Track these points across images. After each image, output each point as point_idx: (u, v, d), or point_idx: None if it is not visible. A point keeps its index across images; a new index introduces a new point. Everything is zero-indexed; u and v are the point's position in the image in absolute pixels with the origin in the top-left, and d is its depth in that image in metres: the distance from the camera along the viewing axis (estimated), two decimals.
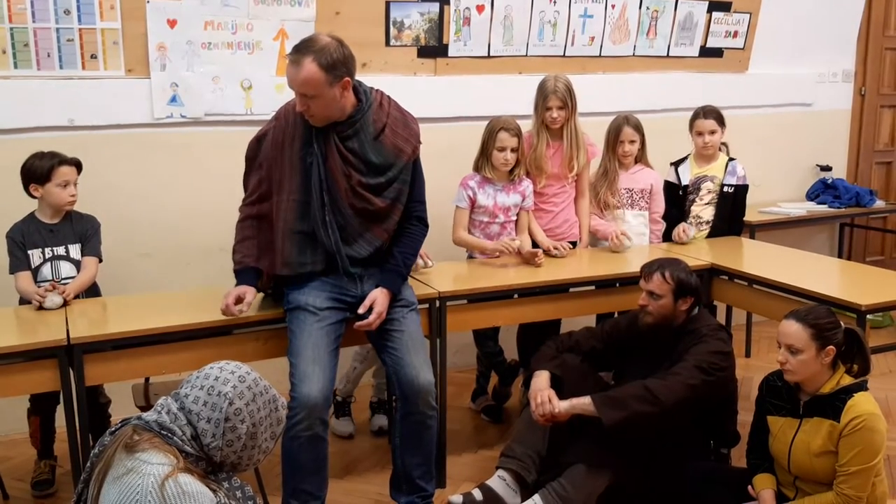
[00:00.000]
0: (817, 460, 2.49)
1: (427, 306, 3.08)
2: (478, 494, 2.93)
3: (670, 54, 4.75)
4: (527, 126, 3.75)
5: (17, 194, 3.15)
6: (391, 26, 4.02)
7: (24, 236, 3.09)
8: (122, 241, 3.52)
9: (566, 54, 4.45)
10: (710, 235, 3.99)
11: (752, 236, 4.53)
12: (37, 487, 3.18)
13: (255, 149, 2.85)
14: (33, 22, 3.39)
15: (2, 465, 3.28)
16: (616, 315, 3.56)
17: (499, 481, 2.95)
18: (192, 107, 3.71)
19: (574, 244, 3.81)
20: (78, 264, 3.15)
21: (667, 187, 4.03)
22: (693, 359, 2.82)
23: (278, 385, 1.99)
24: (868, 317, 2.96)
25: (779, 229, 4.85)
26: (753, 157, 4.52)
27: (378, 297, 2.80)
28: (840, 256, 5.45)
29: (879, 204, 5.22)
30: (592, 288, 3.51)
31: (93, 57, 3.51)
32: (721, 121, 3.94)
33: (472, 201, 3.59)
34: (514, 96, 3.99)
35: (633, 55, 4.64)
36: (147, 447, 1.71)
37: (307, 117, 2.72)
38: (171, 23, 3.59)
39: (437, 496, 2.99)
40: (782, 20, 4.96)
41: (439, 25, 4.11)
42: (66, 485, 3.12)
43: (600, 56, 4.54)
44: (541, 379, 2.92)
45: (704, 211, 4.00)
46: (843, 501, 2.44)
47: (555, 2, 4.31)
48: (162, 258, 3.77)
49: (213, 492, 1.73)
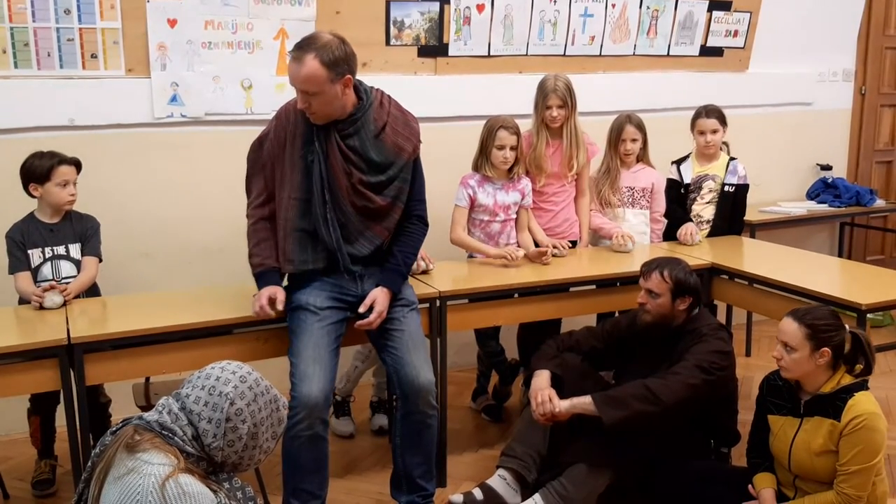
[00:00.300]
0: (818, 459, 2.49)
1: (427, 306, 3.08)
2: (478, 494, 2.93)
3: (670, 53, 4.75)
4: (526, 125, 3.76)
5: (18, 194, 3.15)
6: (391, 25, 4.02)
7: (24, 236, 3.09)
8: (122, 240, 3.52)
9: (566, 54, 4.45)
10: (711, 235, 3.99)
11: (752, 235, 4.53)
12: (37, 487, 3.18)
13: (258, 151, 2.85)
14: (33, 21, 3.39)
15: (2, 464, 3.28)
16: (617, 314, 3.56)
17: (499, 480, 2.96)
18: (192, 106, 3.71)
19: (574, 243, 3.81)
20: (78, 264, 3.14)
21: (669, 185, 4.04)
22: (693, 358, 2.82)
23: (278, 384, 1.99)
24: (868, 316, 2.96)
25: (779, 228, 4.85)
26: (754, 156, 4.52)
27: (378, 297, 2.80)
28: (840, 256, 5.45)
29: (880, 203, 5.23)
30: (593, 287, 3.51)
31: (93, 56, 3.51)
32: (723, 120, 3.94)
33: (472, 200, 3.59)
34: (515, 96, 3.98)
35: (634, 54, 4.64)
36: (148, 447, 1.71)
37: (308, 115, 2.71)
38: (172, 22, 3.59)
39: (438, 495, 2.99)
40: (782, 19, 4.96)
41: (439, 25, 4.10)
42: (67, 484, 3.12)
43: (600, 55, 4.54)
44: (541, 378, 2.93)
45: (705, 210, 4.01)
46: (844, 501, 2.44)
47: (555, 1, 4.31)
48: (162, 258, 3.77)
49: (214, 492, 1.73)
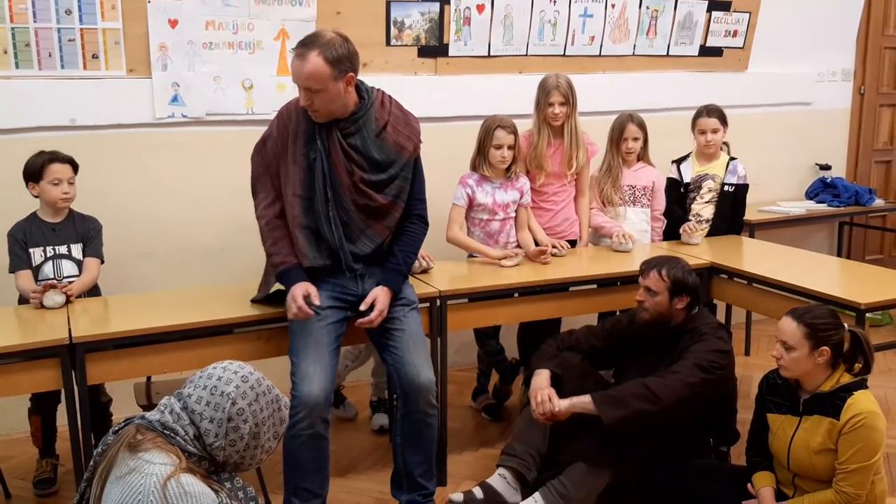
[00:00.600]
0: (817, 458, 2.50)
1: (428, 305, 3.09)
2: (478, 493, 2.93)
3: (670, 53, 4.75)
4: (527, 125, 3.76)
5: (18, 194, 3.15)
6: (392, 26, 4.02)
7: (26, 235, 3.09)
8: (123, 240, 3.53)
9: (566, 54, 4.45)
10: (710, 234, 3.99)
11: (751, 235, 4.54)
12: (38, 486, 3.19)
13: (261, 151, 2.85)
14: (34, 22, 3.40)
15: (4, 463, 3.28)
16: (618, 313, 3.57)
17: (499, 479, 2.96)
18: (193, 106, 3.71)
19: (573, 243, 3.82)
20: (79, 264, 3.15)
21: (669, 184, 4.05)
22: (693, 357, 2.83)
23: (279, 384, 1.99)
24: (867, 315, 2.97)
25: (778, 228, 4.86)
26: (753, 155, 4.52)
27: (379, 295, 2.81)
28: (839, 255, 5.45)
29: (879, 203, 5.24)
30: (593, 287, 3.51)
31: (94, 57, 3.52)
32: (723, 120, 3.95)
33: (471, 199, 3.60)
34: (515, 96, 3.99)
35: (633, 54, 4.65)
36: (150, 447, 1.72)
37: (310, 113, 2.72)
38: (173, 23, 3.59)
39: (438, 494, 3.00)
40: (782, 19, 4.96)
41: (440, 25, 4.11)
42: (68, 483, 3.13)
43: (600, 55, 4.55)
44: (541, 377, 2.93)
45: (705, 209, 4.01)
46: (843, 499, 2.44)
47: (555, 1, 4.32)
48: (163, 257, 3.78)
49: (216, 492, 1.73)
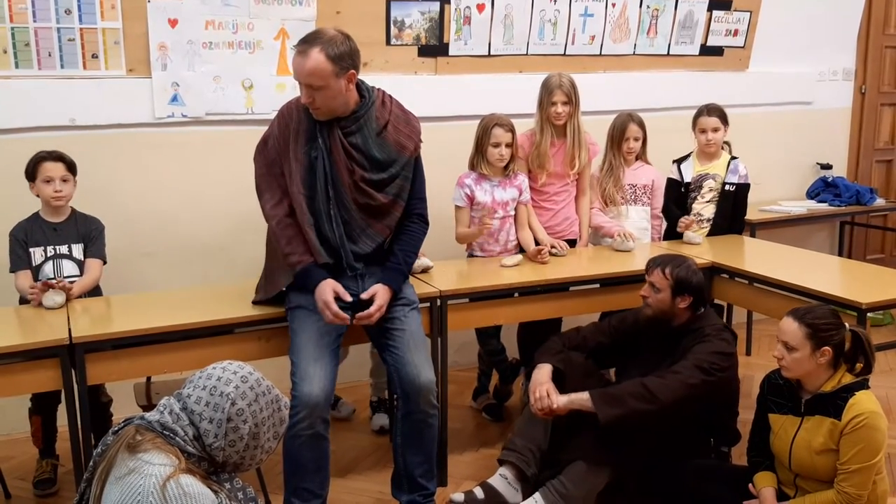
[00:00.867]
0: (818, 458, 2.49)
1: (428, 305, 3.08)
2: (479, 493, 2.93)
3: (671, 53, 4.75)
4: (527, 124, 3.76)
5: (18, 194, 3.16)
6: (392, 25, 4.02)
7: (27, 234, 3.09)
8: (123, 240, 3.53)
9: (566, 53, 4.45)
10: (711, 234, 3.99)
11: (752, 234, 4.53)
12: (38, 486, 3.18)
13: (263, 150, 2.85)
14: (34, 21, 3.40)
15: (4, 464, 3.28)
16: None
17: (500, 479, 2.96)
18: (193, 106, 3.71)
19: (573, 242, 3.81)
20: (81, 264, 3.15)
21: (669, 184, 4.05)
22: (694, 358, 2.82)
23: (279, 384, 1.99)
24: (868, 315, 2.96)
25: (779, 227, 4.85)
26: (754, 155, 4.51)
27: (380, 291, 2.81)
28: (840, 255, 5.44)
29: (880, 202, 5.24)
30: (594, 286, 3.50)
31: (94, 56, 3.52)
32: (724, 119, 3.95)
33: (471, 199, 3.60)
34: (515, 95, 3.99)
35: (634, 54, 4.64)
36: (149, 447, 1.71)
37: (312, 110, 2.72)
38: (172, 22, 3.59)
39: (439, 494, 3.00)
40: (782, 19, 4.96)
41: (440, 24, 4.11)
42: (68, 484, 3.12)
43: (601, 55, 4.54)
44: (542, 372, 2.93)
45: (706, 209, 4.01)
46: (844, 499, 2.44)
47: (555, 1, 4.31)
48: (164, 257, 3.77)
49: (215, 493, 1.73)
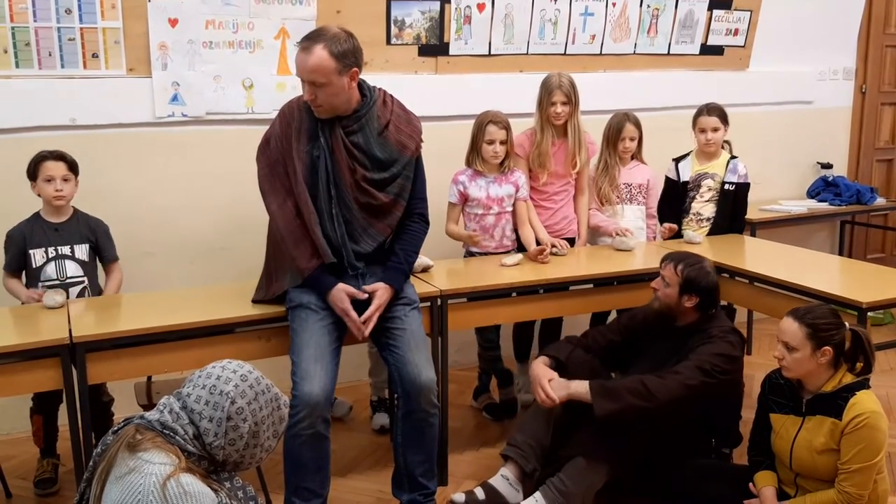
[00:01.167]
0: (819, 458, 2.50)
1: (429, 304, 3.08)
2: (480, 493, 2.93)
3: (671, 52, 4.75)
4: (527, 124, 3.76)
5: (19, 193, 3.16)
6: (392, 25, 4.02)
7: (26, 236, 3.08)
8: (124, 239, 3.51)
9: (567, 52, 4.45)
10: (712, 233, 3.99)
11: (753, 234, 4.53)
12: (39, 486, 3.18)
13: (265, 150, 2.84)
14: (34, 21, 3.40)
15: (5, 463, 3.28)
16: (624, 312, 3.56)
17: (501, 480, 2.96)
18: (193, 106, 3.71)
19: (571, 241, 3.82)
20: (84, 264, 3.14)
21: (666, 183, 4.05)
22: (696, 359, 2.82)
23: (280, 383, 1.99)
24: (869, 314, 2.96)
25: (780, 227, 4.85)
26: (754, 154, 4.52)
27: (379, 291, 2.81)
28: (841, 254, 5.44)
29: (880, 201, 5.23)
30: (595, 286, 3.50)
31: (94, 56, 3.52)
32: (724, 118, 3.94)
33: (464, 196, 3.63)
34: (515, 95, 3.99)
35: (634, 53, 4.64)
36: (149, 446, 1.71)
37: (314, 108, 2.72)
38: (173, 22, 3.59)
39: (439, 494, 3.00)
40: (783, 18, 4.95)
41: (440, 24, 4.10)
42: (69, 483, 3.12)
43: (601, 54, 4.54)
44: (538, 362, 2.99)
45: (705, 208, 4.00)
46: (845, 499, 2.44)
47: (555, 0, 4.31)
48: (164, 257, 3.77)
49: (215, 492, 1.73)
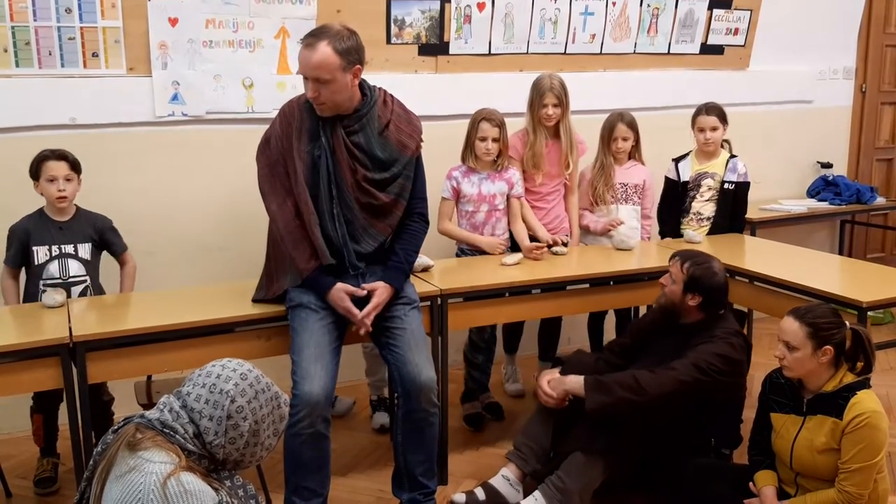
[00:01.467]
0: (820, 457, 2.49)
1: (429, 304, 3.08)
2: (480, 493, 2.95)
3: (671, 52, 4.75)
4: (520, 124, 3.77)
5: (18, 192, 3.15)
6: (392, 24, 4.02)
7: (30, 233, 3.08)
8: (124, 238, 3.51)
9: (567, 52, 4.44)
10: (712, 232, 3.99)
11: (752, 233, 4.53)
12: (39, 485, 3.18)
13: (265, 150, 2.84)
14: (34, 20, 3.39)
15: (5, 462, 3.28)
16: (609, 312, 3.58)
17: (502, 480, 2.97)
18: (193, 105, 3.71)
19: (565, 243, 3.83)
20: (87, 263, 3.14)
21: (666, 183, 4.05)
22: (693, 356, 2.82)
23: (280, 382, 1.99)
24: (869, 313, 2.97)
25: (780, 226, 4.86)
26: (754, 154, 4.52)
27: (379, 290, 2.81)
28: (841, 253, 5.44)
29: (880, 201, 5.24)
30: (596, 285, 3.50)
31: (94, 55, 3.51)
32: (723, 117, 3.94)
33: (457, 192, 3.64)
34: (515, 94, 3.96)
35: (634, 53, 4.64)
36: (149, 445, 1.72)
37: (316, 106, 2.72)
38: (173, 21, 3.59)
39: (439, 493, 2.99)
40: (783, 17, 4.96)
41: (440, 23, 4.10)
42: (69, 482, 3.12)
43: (601, 54, 4.54)
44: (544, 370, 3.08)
45: (705, 207, 4.01)
46: (845, 498, 2.44)
47: None
48: (164, 256, 3.77)
49: (216, 490, 1.74)
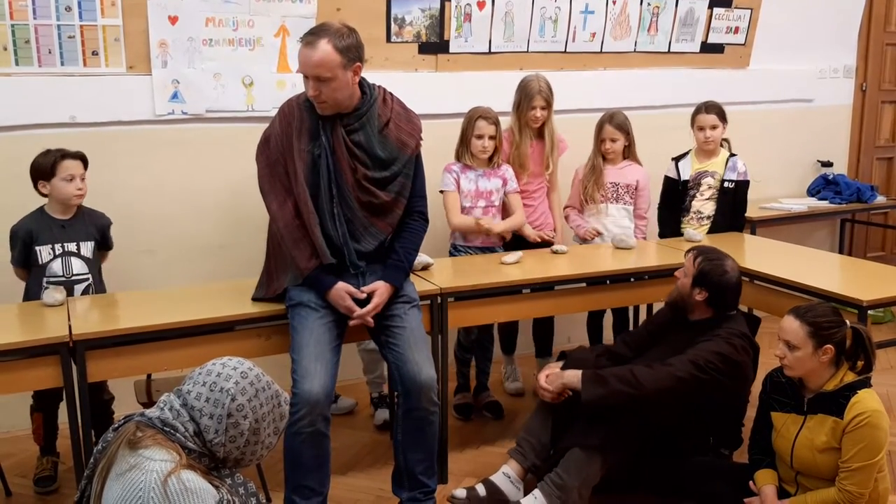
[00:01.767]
0: (820, 456, 2.50)
1: (428, 302, 3.08)
2: (481, 490, 2.95)
3: (671, 50, 4.74)
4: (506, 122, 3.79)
5: (18, 190, 3.15)
6: (392, 23, 4.01)
7: (33, 233, 3.08)
8: (124, 237, 3.51)
9: (567, 50, 4.44)
10: (712, 231, 3.99)
11: (753, 232, 4.53)
12: (39, 484, 3.18)
13: (265, 149, 2.83)
14: (34, 19, 3.39)
15: (4, 461, 3.28)
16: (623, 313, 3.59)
17: (502, 477, 2.97)
18: (193, 103, 3.71)
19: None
20: (89, 261, 3.15)
21: (666, 183, 4.05)
22: (692, 353, 2.82)
23: (280, 381, 1.99)
24: (869, 312, 2.97)
25: (780, 225, 4.86)
26: (754, 152, 4.52)
27: (379, 290, 2.81)
28: (841, 252, 5.44)
29: (880, 200, 5.24)
30: (595, 284, 3.50)
31: (94, 54, 3.51)
32: (722, 116, 3.95)
33: (458, 185, 3.65)
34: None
35: (634, 51, 4.64)
36: (150, 444, 1.72)
37: (317, 104, 2.71)
38: (173, 19, 3.59)
39: (439, 492, 2.99)
40: (783, 16, 4.95)
41: (440, 22, 4.10)
42: (69, 481, 3.12)
43: (601, 52, 4.54)
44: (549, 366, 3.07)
45: (705, 206, 4.01)
46: (846, 497, 2.44)
47: None
48: (164, 255, 3.77)
49: (216, 488, 1.74)
